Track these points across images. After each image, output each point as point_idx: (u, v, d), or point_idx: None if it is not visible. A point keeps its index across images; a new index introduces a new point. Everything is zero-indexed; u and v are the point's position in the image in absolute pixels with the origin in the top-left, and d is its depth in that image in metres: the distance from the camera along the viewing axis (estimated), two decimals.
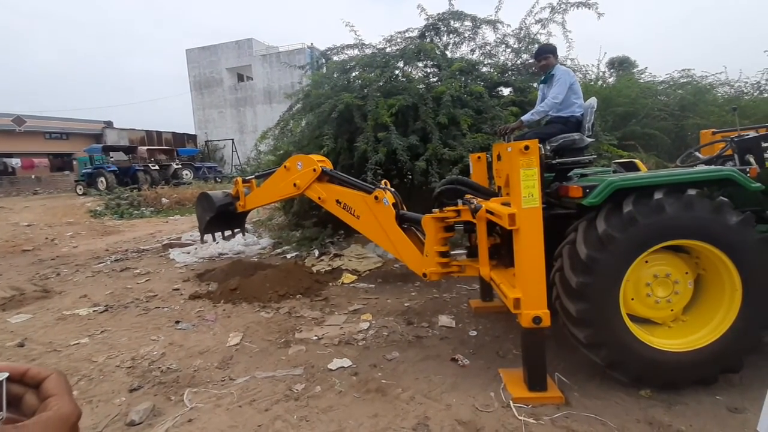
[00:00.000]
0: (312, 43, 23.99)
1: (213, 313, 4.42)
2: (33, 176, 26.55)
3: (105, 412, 2.70)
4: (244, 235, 6.89)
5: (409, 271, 5.57)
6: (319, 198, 4.29)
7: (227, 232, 6.39)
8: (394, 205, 3.76)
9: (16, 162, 26.73)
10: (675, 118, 9.28)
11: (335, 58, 7.86)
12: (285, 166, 4.63)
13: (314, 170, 4.32)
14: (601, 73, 10.96)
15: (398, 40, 7.34)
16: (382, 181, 4.32)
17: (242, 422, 2.52)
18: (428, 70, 7.35)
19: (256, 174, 5.59)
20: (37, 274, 6.52)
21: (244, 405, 2.70)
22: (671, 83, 10.70)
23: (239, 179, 5.45)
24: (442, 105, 6.03)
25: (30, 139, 29.96)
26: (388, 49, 7.28)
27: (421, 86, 6.66)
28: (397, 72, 7.03)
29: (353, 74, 7.16)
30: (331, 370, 3.11)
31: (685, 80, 10.66)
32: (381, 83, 6.60)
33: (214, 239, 6.56)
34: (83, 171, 21.26)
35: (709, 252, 2.54)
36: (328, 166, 4.45)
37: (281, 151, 7.88)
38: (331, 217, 7.04)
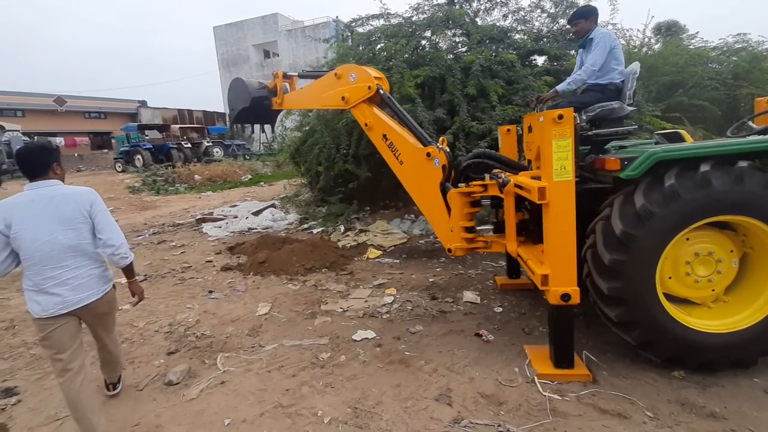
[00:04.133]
0: (337, 16, 23.51)
1: (243, 284, 4.59)
2: (75, 154, 27.98)
3: (145, 372, 2.89)
4: (273, 130, 6.06)
5: (433, 247, 5.55)
6: (366, 125, 3.84)
7: (257, 126, 5.68)
8: (444, 167, 3.47)
9: (59, 140, 28.17)
10: (727, 88, 8.53)
11: (360, 29, 7.65)
12: (336, 74, 4.04)
13: (369, 87, 3.75)
14: (646, 39, 10.14)
15: (426, 7, 7.03)
16: (440, 138, 3.81)
17: (271, 386, 2.63)
18: (457, 39, 7.03)
19: (300, 72, 4.97)
20: None
21: (273, 370, 2.82)
22: (724, 49, 9.77)
23: (280, 72, 4.83)
24: (471, 75, 5.78)
25: (71, 118, 31.45)
26: (414, 18, 7.00)
27: (449, 56, 6.40)
28: (423, 42, 6.78)
29: (378, 46, 6.97)
30: (355, 340, 3.18)
31: (740, 46, 9.71)
32: (407, 54, 6.40)
33: (243, 129, 6.01)
34: (121, 149, 22.21)
35: (759, 229, 2.36)
36: (385, 86, 3.86)
37: (307, 127, 7.90)
38: (357, 193, 7.10)
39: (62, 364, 2.13)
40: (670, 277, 2.53)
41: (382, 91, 3.73)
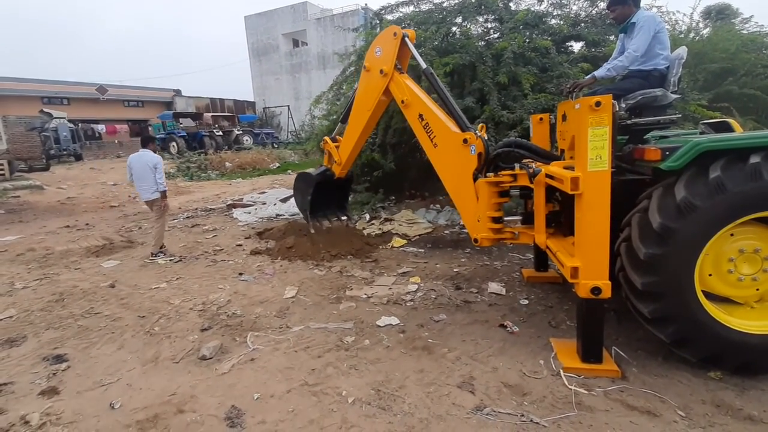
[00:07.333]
0: (366, 4, 23.33)
1: (271, 268, 4.73)
2: (116, 141, 29.32)
3: (181, 347, 3.05)
4: (350, 219, 5.74)
5: (459, 238, 5.51)
6: (403, 101, 3.81)
7: (333, 219, 5.50)
8: (480, 155, 3.39)
9: (101, 128, 29.57)
10: None
11: (389, 17, 7.57)
12: (365, 68, 4.12)
13: (395, 34, 3.81)
14: (693, 24, 9.49)
15: None
16: (479, 125, 3.72)
17: (298, 365, 2.72)
18: (489, 25, 6.84)
19: (340, 120, 4.98)
20: (122, 227, 7.36)
21: (300, 350, 2.91)
22: None
23: (327, 138, 4.87)
24: (503, 63, 5.62)
25: (111, 106, 32.92)
26: (445, 4, 6.85)
27: (480, 43, 6.24)
28: (454, 28, 6.63)
29: None
30: (379, 326, 3.23)
31: None
32: (437, 41, 6.28)
33: (321, 226, 5.46)
34: (157, 136, 23.10)
35: None
36: (412, 37, 3.91)
37: (335, 116, 7.94)
38: (383, 182, 7.11)
39: (151, 216, 5.59)
40: (710, 274, 2.41)
41: (410, 44, 3.76)
